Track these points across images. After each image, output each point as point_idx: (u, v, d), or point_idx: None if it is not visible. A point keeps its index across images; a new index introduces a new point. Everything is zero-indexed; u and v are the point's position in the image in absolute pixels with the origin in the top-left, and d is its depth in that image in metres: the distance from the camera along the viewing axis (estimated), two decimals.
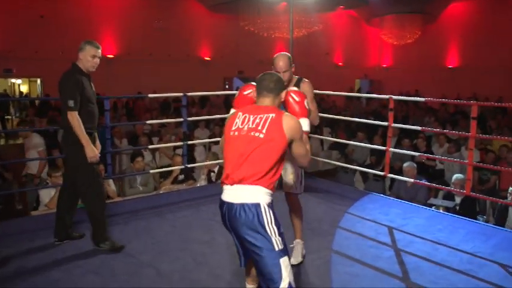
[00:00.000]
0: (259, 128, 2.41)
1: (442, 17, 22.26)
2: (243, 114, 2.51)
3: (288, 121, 2.42)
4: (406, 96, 13.64)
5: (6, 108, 14.85)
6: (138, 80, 16.71)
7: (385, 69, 25.50)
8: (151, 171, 6.65)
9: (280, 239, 2.39)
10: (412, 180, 5.69)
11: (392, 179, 6.96)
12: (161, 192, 6.23)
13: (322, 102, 17.40)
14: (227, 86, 22.06)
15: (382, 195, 5.82)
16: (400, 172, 6.74)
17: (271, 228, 2.37)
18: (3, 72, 16.53)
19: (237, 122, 2.49)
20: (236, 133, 2.47)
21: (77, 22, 16.53)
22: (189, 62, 19.04)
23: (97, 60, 3.81)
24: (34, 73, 17.56)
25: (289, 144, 2.45)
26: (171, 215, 4.75)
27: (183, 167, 6.10)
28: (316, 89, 6.05)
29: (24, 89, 19.96)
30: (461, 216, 4.84)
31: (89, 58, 3.75)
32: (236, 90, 22.95)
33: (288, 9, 13.16)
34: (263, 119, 2.43)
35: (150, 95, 6.51)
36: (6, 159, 6.56)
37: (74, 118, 3.57)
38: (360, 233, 4.22)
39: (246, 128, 2.44)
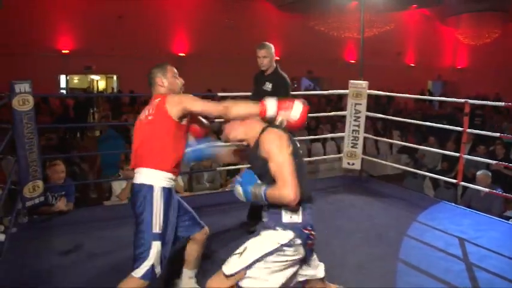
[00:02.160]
0: (149, 112, 2.65)
1: None
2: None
3: (170, 100, 2.60)
4: (483, 99, 12.97)
5: (92, 103, 15.74)
6: (208, 78, 17.04)
7: (460, 71, 24.41)
8: (218, 168, 6.75)
9: (162, 224, 2.53)
10: (486, 189, 5.38)
11: (465, 187, 6.63)
12: (227, 189, 6.30)
13: (392, 104, 16.95)
14: (295, 86, 22.00)
15: (453, 204, 5.56)
16: (473, 180, 6.40)
17: (157, 210, 2.51)
18: (84, 69, 17.48)
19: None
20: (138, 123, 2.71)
21: (151, 22, 17.17)
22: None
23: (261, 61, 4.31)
24: (111, 70, 18.42)
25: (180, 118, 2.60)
26: (236, 212, 4.79)
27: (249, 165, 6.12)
28: (386, 91, 5.90)
29: (102, 85, 20.97)
30: None
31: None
32: (304, 90, 22.91)
33: (358, 9, 12.93)
34: (153, 105, 2.66)
35: (220, 94, 6.59)
36: (84, 151, 6.89)
37: None
38: (429, 243, 4.04)
39: (143, 116, 2.69)
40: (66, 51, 16.80)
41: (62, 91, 17.90)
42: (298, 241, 2.25)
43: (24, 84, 4.07)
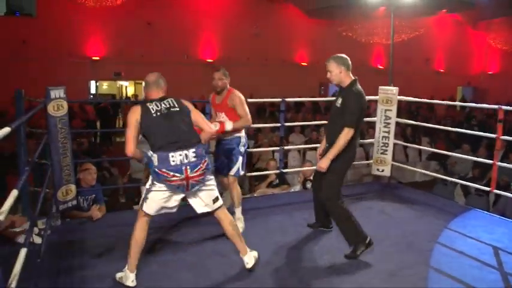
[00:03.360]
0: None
1: None
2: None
3: None
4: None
5: (117, 109, 15.97)
6: (236, 83, 17.05)
7: (491, 76, 23.91)
8: (248, 174, 6.80)
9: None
10: None
11: (497, 195, 6.48)
12: (255, 195, 6.32)
13: (420, 111, 16.72)
14: (322, 92, 21.93)
15: (486, 212, 5.44)
16: (505, 188, 6.25)
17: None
18: (113, 75, 17.81)
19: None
20: None
21: (179, 28, 17.40)
22: (285, 67, 19.20)
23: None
24: (140, 76, 18.65)
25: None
26: (265, 218, 4.80)
27: (278, 171, 6.14)
28: (415, 97, 5.84)
29: (131, 91, 21.30)
30: None
31: None
32: (332, 96, 22.88)
33: (386, 14, 12.81)
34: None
35: (249, 100, 6.60)
36: (114, 156, 7.00)
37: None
38: (461, 251, 3.96)
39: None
40: (97, 58, 17.15)
41: (91, 97, 18.27)
42: (156, 180, 3.26)
43: (59, 90, 4.17)
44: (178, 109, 3.35)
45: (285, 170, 6.28)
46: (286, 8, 19.72)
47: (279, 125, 5.82)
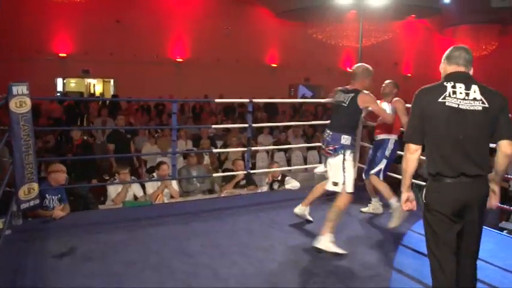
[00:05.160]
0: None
1: None
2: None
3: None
4: None
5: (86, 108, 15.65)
6: (205, 84, 17.10)
7: None
8: (215, 174, 6.80)
9: None
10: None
11: None
12: (222, 195, 6.32)
13: None
14: (292, 94, 22.06)
15: None
16: None
17: None
18: (81, 73, 17.49)
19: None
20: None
21: (149, 27, 17.23)
22: (255, 68, 19.26)
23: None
24: (108, 74, 18.45)
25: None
26: (231, 218, 4.79)
27: (245, 172, 6.15)
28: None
29: (99, 89, 20.96)
30: None
31: None
32: (301, 97, 22.96)
33: (356, 18, 12.99)
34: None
35: (217, 100, 6.61)
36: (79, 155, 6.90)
37: None
38: (425, 253, 4.03)
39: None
40: (64, 55, 16.81)
41: (58, 94, 17.90)
42: None
43: (21, 86, 4.07)
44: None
45: (252, 171, 6.28)
46: (257, 9, 19.79)
47: (246, 125, 5.82)
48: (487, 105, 2.49)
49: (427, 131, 2.63)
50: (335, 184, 3.96)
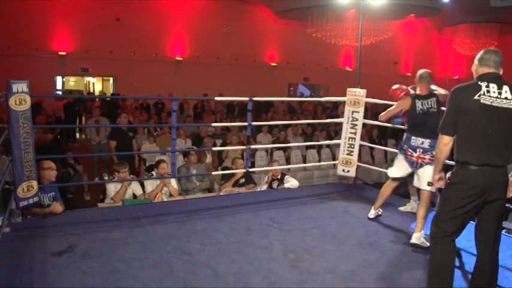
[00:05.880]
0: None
1: None
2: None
3: None
4: None
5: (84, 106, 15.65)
6: (205, 82, 17.10)
7: (457, 81, 24.53)
8: (214, 172, 6.81)
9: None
10: None
11: None
12: (221, 194, 6.32)
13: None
14: (291, 93, 22.07)
15: None
16: None
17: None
18: (81, 71, 17.47)
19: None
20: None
21: (149, 25, 17.22)
22: (255, 67, 19.26)
23: None
24: (108, 73, 18.43)
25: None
26: (230, 217, 4.80)
27: (244, 170, 6.15)
28: (383, 99, 5.95)
29: (98, 87, 20.95)
30: None
31: None
32: (300, 96, 23.03)
33: (356, 17, 12.99)
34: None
35: (217, 98, 6.59)
36: (79, 152, 6.89)
37: None
38: (422, 251, 4.06)
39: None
40: (63, 53, 16.80)
41: (57, 92, 17.89)
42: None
43: (21, 84, 4.06)
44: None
45: (251, 169, 6.28)
46: (257, 8, 19.77)
47: (246, 124, 5.82)
48: None
49: (459, 124, 2.91)
50: (430, 184, 3.97)
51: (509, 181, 2.94)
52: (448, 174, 3.03)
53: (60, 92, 18.25)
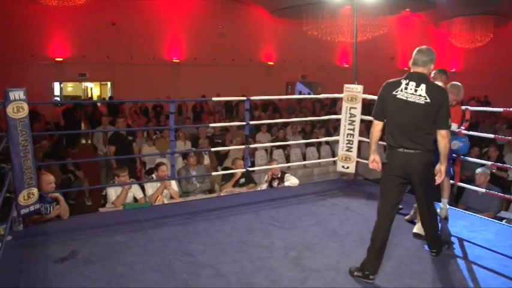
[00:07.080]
0: None
1: None
2: None
3: None
4: (477, 101, 13.02)
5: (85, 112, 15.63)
6: (202, 84, 17.10)
7: (454, 74, 24.54)
8: (213, 173, 6.81)
9: None
10: (483, 190, 5.39)
11: (460, 191, 6.67)
12: (222, 194, 6.32)
13: None
14: (289, 90, 22.08)
15: (449, 206, 5.57)
16: (467, 182, 6.41)
17: None
18: (78, 77, 17.47)
19: None
20: None
21: (145, 29, 17.22)
22: (252, 66, 19.27)
23: None
24: (105, 77, 18.43)
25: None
26: (232, 217, 4.80)
27: (244, 170, 6.16)
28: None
29: (96, 92, 20.95)
30: None
31: None
32: (299, 94, 23.06)
33: (351, 13, 12.98)
34: None
35: (214, 98, 6.59)
36: (79, 158, 6.89)
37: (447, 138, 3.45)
38: (424, 246, 4.06)
39: None
40: (60, 59, 16.79)
41: (55, 98, 17.89)
42: None
43: (18, 92, 4.07)
44: None
45: (251, 169, 6.28)
46: (252, 8, 19.76)
47: (244, 123, 5.82)
48: (428, 101, 3.27)
49: (386, 113, 3.48)
50: None
51: (436, 169, 3.45)
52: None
53: (58, 98, 18.25)
